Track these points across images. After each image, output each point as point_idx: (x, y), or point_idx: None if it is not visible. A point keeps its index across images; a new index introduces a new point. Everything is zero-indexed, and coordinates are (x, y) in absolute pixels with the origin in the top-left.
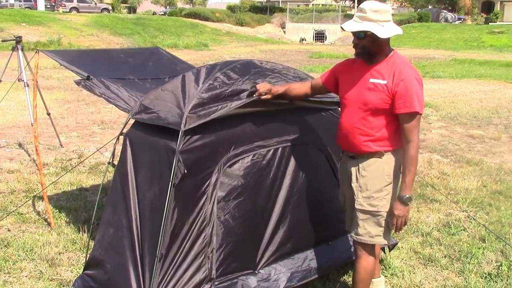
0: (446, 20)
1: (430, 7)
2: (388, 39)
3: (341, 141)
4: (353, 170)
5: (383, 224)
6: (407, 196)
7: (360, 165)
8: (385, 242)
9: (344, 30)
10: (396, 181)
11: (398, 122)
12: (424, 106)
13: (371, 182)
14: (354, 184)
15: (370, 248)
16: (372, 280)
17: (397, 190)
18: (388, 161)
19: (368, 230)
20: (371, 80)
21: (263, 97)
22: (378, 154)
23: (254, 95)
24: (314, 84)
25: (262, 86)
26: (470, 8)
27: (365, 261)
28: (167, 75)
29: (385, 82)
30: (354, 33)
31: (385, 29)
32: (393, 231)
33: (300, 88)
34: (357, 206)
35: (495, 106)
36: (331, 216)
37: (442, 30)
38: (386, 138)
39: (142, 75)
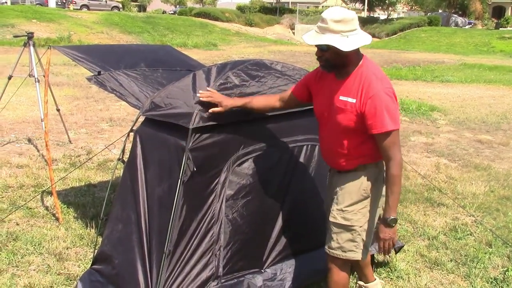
0: (456, 24)
1: (440, 11)
2: (356, 49)
3: (324, 158)
4: (336, 184)
5: (358, 240)
6: (392, 217)
7: (340, 179)
8: (359, 258)
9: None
10: (377, 194)
11: (374, 139)
12: (398, 119)
13: (348, 195)
14: (334, 197)
15: (341, 262)
16: (367, 285)
17: (378, 206)
18: (368, 175)
19: (341, 245)
20: (341, 98)
21: (213, 109)
22: (359, 169)
23: (200, 98)
24: (285, 97)
25: (209, 95)
26: (480, 13)
27: (336, 275)
28: (179, 67)
29: (354, 101)
30: (316, 45)
31: (349, 41)
32: (381, 255)
33: (262, 101)
34: (330, 219)
35: (504, 112)
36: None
37: (452, 35)
38: (365, 154)
39: (154, 65)
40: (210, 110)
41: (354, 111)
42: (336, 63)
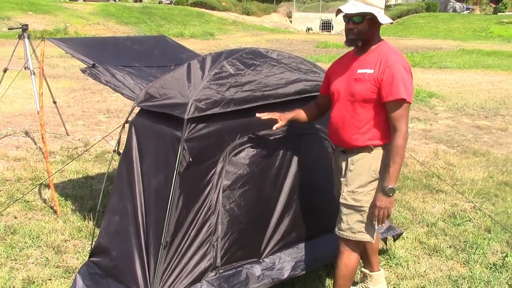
0: (454, 10)
1: None
2: (379, 28)
3: (332, 135)
4: (343, 165)
5: (367, 221)
6: (390, 187)
7: (349, 159)
8: (368, 239)
9: (341, 13)
10: None
11: (386, 112)
12: (412, 94)
13: (358, 177)
14: (342, 179)
15: (353, 245)
16: (371, 273)
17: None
18: (376, 157)
19: (351, 226)
20: (359, 71)
21: (276, 126)
22: (367, 149)
23: (261, 117)
24: (318, 100)
25: (268, 114)
26: None
27: (347, 258)
28: (173, 63)
29: (371, 71)
30: (350, 18)
31: (382, 15)
32: (375, 223)
33: (308, 112)
34: (341, 200)
35: (503, 97)
36: (336, 205)
37: (450, 20)
38: (376, 131)
39: (148, 63)
40: (274, 128)
41: (372, 80)
42: (365, 37)
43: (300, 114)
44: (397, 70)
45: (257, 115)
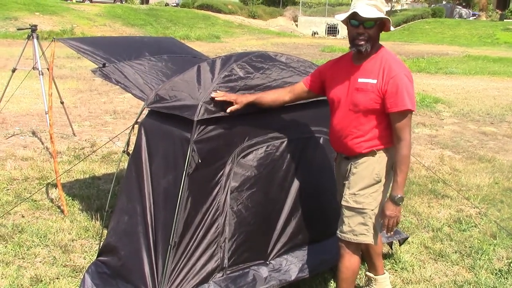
0: (460, 16)
1: (444, 2)
2: (379, 35)
3: (334, 143)
4: (347, 169)
5: (369, 223)
6: (399, 196)
7: (352, 164)
8: (370, 241)
9: (358, 17)
10: (388, 180)
11: (389, 119)
12: (415, 103)
13: (360, 179)
14: (345, 182)
15: (354, 247)
16: (376, 277)
17: (388, 192)
18: (380, 160)
19: (353, 228)
20: (360, 80)
21: (231, 108)
22: (371, 153)
23: (215, 98)
24: (295, 89)
25: (223, 94)
26: (485, 4)
27: (348, 261)
28: (183, 54)
29: (374, 81)
30: (362, 22)
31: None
32: (384, 231)
33: (273, 95)
34: (343, 203)
35: (509, 104)
36: None
37: (456, 26)
38: (379, 137)
39: (158, 53)
40: (228, 110)
41: (376, 91)
42: (374, 42)
43: (263, 98)
44: (401, 80)
45: (212, 94)
